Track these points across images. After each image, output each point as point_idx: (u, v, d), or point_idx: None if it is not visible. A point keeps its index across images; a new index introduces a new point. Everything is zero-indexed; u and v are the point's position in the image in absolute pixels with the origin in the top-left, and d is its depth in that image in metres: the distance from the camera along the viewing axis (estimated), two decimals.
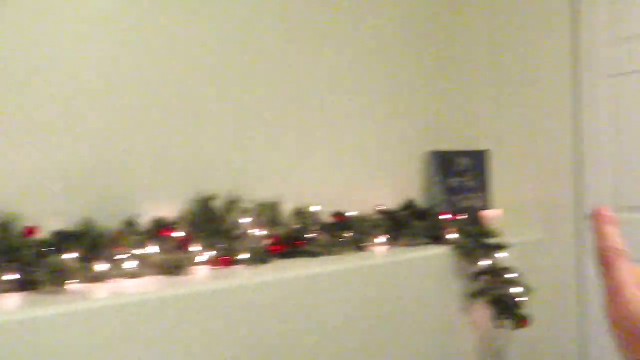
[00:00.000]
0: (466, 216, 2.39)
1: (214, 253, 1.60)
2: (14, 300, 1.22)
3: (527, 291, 2.02)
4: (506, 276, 2.03)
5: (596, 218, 0.37)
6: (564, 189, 2.45)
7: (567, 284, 2.41)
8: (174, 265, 1.47)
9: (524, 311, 2.00)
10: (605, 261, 0.35)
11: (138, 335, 1.24)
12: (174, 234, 1.58)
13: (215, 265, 1.60)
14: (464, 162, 2.56)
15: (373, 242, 2.04)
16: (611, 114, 2.36)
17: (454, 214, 2.31)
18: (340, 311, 1.64)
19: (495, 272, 2.03)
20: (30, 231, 1.36)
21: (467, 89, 2.73)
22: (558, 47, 2.46)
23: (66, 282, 1.27)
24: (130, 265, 1.44)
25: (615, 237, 0.36)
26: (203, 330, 1.34)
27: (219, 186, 1.77)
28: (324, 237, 1.87)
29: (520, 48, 2.60)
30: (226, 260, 1.61)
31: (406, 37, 2.49)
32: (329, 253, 1.83)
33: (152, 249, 1.51)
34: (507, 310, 2.00)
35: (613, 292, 0.34)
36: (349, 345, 1.65)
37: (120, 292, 1.30)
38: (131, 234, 1.48)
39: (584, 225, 2.44)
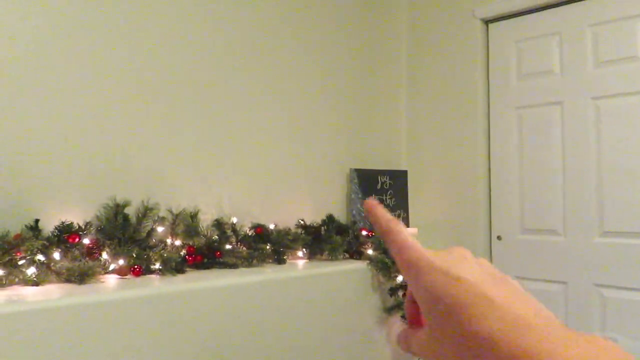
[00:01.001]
0: None
1: (124, 261, 1.53)
2: None
3: None
4: None
5: (369, 207, 0.40)
6: (475, 210, 2.59)
7: None
8: (79, 273, 1.39)
9: None
10: (387, 228, 0.38)
11: (35, 345, 1.15)
12: (81, 241, 1.49)
13: (126, 274, 1.53)
14: (385, 180, 2.64)
15: (293, 255, 2.05)
16: (517, 143, 2.55)
17: (373, 230, 2.37)
18: (258, 322, 1.62)
19: None
20: None
21: (388, 111, 2.84)
22: (472, 80, 2.64)
23: None
24: (31, 271, 1.34)
25: (387, 214, 0.39)
26: (109, 338, 1.27)
27: (134, 192, 1.71)
28: (243, 249, 1.85)
29: (438, 78, 2.76)
30: (138, 269, 1.54)
31: (333, 60, 2.56)
32: (248, 265, 1.81)
33: (56, 255, 1.42)
34: None
35: (399, 246, 0.37)
36: (266, 356, 1.63)
37: (18, 299, 1.21)
38: (33, 238, 1.38)
39: (493, 245, 2.58)
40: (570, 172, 2.39)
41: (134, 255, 1.55)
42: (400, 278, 2.08)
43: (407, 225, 2.69)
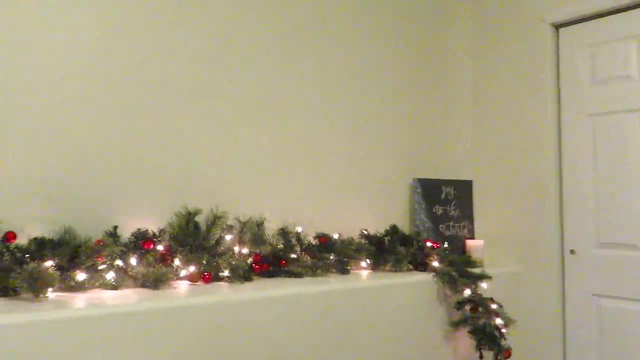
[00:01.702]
0: (450, 244, 2.40)
1: (195, 268, 1.58)
2: None
3: (509, 322, 2.01)
4: (488, 306, 2.02)
5: None
6: (545, 222, 2.48)
7: (549, 317, 2.41)
8: (154, 279, 1.45)
9: (506, 342, 1.99)
10: None
11: (114, 346, 1.20)
12: (156, 247, 1.55)
13: (197, 281, 1.58)
14: (449, 190, 2.58)
15: (356, 266, 2.04)
16: (591, 152, 2.42)
17: (438, 241, 2.32)
18: (320, 332, 1.62)
19: (478, 302, 2.02)
20: (10, 236, 1.33)
21: (452, 120, 2.78)
22: (541, 86, 2.54)
23: (44, 289, 1.24)
24: (110, 276, 1.41)
25: None
26: (181, 344, 1.31)
27: (203, 201, 1.77)
28: (308, 258, 1.86)
29: (505, 85, 2.68)
30: (208, 276, 1.58)
31: (397, 69, 2.55)
32: (312, 274, 1.82)
33: (133, 261, 1.48)
34: (490, 340, 1.98)
35: None
36: None
37: (99, 302, 1.27)
38: (112, 244, 1.45)
39: (566, 260, 2.45)
40: None
41: (204, 262, 1.60)
42: (467, 291, 2.02)
43: (472, 237, 2.61)
